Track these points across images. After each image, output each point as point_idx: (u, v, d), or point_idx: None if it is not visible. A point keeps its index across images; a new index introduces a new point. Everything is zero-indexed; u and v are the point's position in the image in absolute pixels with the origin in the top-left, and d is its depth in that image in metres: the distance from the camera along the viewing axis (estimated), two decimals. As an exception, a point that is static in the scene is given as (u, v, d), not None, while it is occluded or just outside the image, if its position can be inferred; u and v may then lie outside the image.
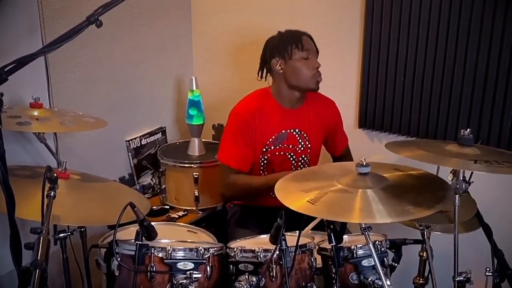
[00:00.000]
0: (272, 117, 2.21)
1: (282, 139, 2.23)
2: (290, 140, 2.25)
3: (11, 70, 1.37)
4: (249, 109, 2.19)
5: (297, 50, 2.16)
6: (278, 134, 2.23)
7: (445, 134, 2.36)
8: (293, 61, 2.16)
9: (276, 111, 2.23)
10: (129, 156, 2.76)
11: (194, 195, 2.54)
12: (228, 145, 2.21)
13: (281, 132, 2.23)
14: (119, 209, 1.53)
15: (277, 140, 2.23)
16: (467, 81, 2.25)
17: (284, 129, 2.23)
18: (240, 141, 2.18)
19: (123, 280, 1.55)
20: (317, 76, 2.18)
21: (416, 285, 2.10)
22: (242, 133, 2.17)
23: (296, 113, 2.25)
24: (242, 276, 1.60)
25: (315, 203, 1.45)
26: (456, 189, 1.63)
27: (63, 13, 2.27)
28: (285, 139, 2.24)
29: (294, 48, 2.16)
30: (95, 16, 1.45)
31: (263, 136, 2.21)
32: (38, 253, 1.27)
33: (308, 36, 2.22)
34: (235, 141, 2.19)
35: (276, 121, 2.22)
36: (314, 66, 2.16)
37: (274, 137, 2.22)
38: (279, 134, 2.23)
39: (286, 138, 2.24)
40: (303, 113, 2.27)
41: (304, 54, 2.16)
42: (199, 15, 3.04)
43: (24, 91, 2.12)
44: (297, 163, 2.30)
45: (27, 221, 1.55)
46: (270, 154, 2.24)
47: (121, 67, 2.67)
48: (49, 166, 1.53)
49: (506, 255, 1.75)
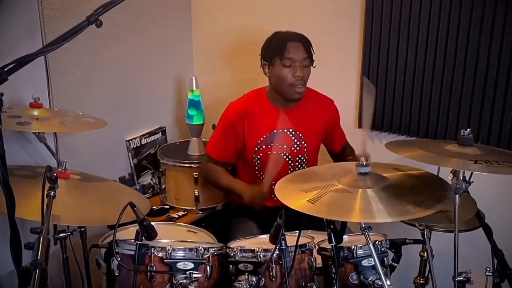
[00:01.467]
0: (264, 117, 2.24)
1: (274, 139, 2.25)
2: (283, 140, 2.26)
3: (11, 70, 1.37)
4: (236, 111, 2.27)
5: (277, 59, 2.16)
6: (269, 133, 2.24)
7: (445, 134, 2.36)
8: (276, 68, 2.18)
9: (268, 111, 2.25)
10: (129, 156, 2.76)
11: (194, 195, 2.54)
12: (214, 137, 2.36)
13: (272, 131, 2.24)
14: (119, 209, 1.53)
15: (269, 140, 2.25)
16: (467, 81, 2.25)
17: (277, 129, 2.25)
18: (223, 137, 2.30)
19: (123, 280, 1.55)
20: (296, 86, 2.15)
21: (416, 285, 2.09)
22: (226, 132, 2.29)
23: (290, 113, 2.25)
24: (242, 276, 1.60)
25: (315, 202, 1.45)
26: (456, 189, 1.63)
27: (63, 13, 2.27)
28: (278, 138, 2.25)
29: (276, 56, 2.16)
30: (95, 16, 1.45)
31: (254, 135, 2.24)
32: (38, 253, 1.27)
33: (297, 41, 2.17)
34: (219, 135, 2.32)
35: (267, 121, 2.24)
36: (294, 75, 2.14)
37: (266, 137, 2.24)
38: (270, 134, 2.24)
39: (278, 138, 2.25)
40: (298, 113, 2.27)
41: (285, 62, 2.14)
42: (199, 15, 3.04)
43: (24, 91, 2.12)
44: (294, 163, 2.30)
45: (27, 221, 1.55)
46: (262, 154, 2.26)
47: (121, 67, 2.67)
48: (49, 166, 1.53)
49: (506, 255, 1.75)
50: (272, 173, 2.07)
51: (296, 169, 2.30)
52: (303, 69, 2.15)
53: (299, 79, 2.14)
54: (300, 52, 2.16)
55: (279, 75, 2.17)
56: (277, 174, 2.00)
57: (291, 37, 2.19)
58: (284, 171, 2.21)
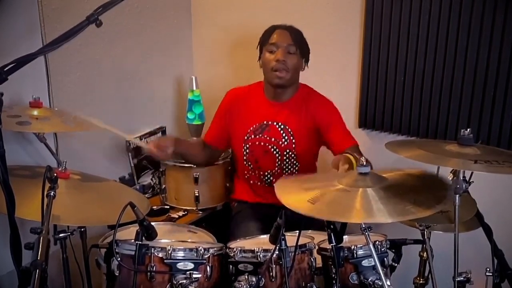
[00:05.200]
0: (257, 107, 2.31)
1: (263, 130, 2.29)
2: (271, 132, 2.29)
3: (11, 70, 1.37)
4: (233, 97, 2.38)
5: (264, 47, 2.22)
6: (259, 124, 2.30)
7: (445, 134, 2.36)
8: (262, 58, 2.24)
9: (261, 102, 2.31)
10: (129, 156, 2.76)
11: (194, 195, 2.53)
12: (212, 122, 2.47)
13: (262, 122, 2.29)
14: (119, 209, 1.53)
15: (258, 130, 2.30)
16: (467, 81, 2.25)
17: (266, 120, 2.29)
18: (217, 121, 2.42)
19: (123, 280, 1.55)
20: (277, 70, 2.15)
21: (416, 285, 2.10)
22: (220, 115, 2.40)
23: (281, 106, 2.28)
24: (242, 276, 1.60)
25: (315, 203, 1.45)
26: (456, 189, 1.63)
27: (63, 13, 2.27)
28: (266, 130, 2.29)
29: (263, 44, 2.23)
30: (95, 16, 1.45)
31: (245, 123, 2.31)
32: (38, 253, 1.27)
33: (285, 29, 2.20)
34: (214, 119, 2.44)
35: (259, 112, 2.30)
36: (275, 59, 2.15)
37: (255, 127, 2.30)
38: (260, 125, 2.29)
39: (267, 130, 2.29)
40: (292, 108, 2.28)
41: (270, 47, 2.19)
42: (199, 15, 3.04)
43: (24, 91, 2.12)
44: (281, 157, 2.31)
45: (27, 221, 1.55)
46: (251, 143, 2.31)
47: (121, 67, 2.67)
48: (49, 166, 1.53)
49: (506, 255, 1.75)
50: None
51: (284, 163, 2.32)
52: (286, 55, 2.16)
53: (280, 62, 2.15)
54: (285, 38, 2.18)
55: (264, 61, 2.22)
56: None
57: (280, 26, 2.23)
58: (270, 164, 2.31)
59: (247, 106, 2.33)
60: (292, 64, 2.18)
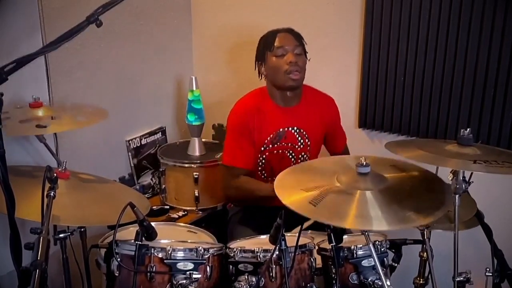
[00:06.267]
0: (270, 115, 2.22)
1: (280, 137, 2.24)
2: (288, 138, 2.25)
3: (11, 70, 1.37)
4: (246, 109, 2.22)
5: (269, 53, 2.17)
6: (276, 132, 2.23)
7: (445, 134, 2.36)
8: (269, 62, 2.18)
9: (273, 109, 2.23)
10: (129, 156, 2.76)
11: (194, 195, 2.54)
12: (231, 146, 2.23)
13: (279, 130, 2.23)
14: (119, 209, 1.53)
15: (276, 139, 2.23)
16: (467, 81, 2.25)
17: (282, 127, 2.23)
18: (241, 141, 2.20)
19: (123, 280, 1.55)
20: (291, 72, 2.13)
21: (416, 285, 2.09)
22: (241, 133, 2.20)
23: (293, 110, 2.25)
24: (242, 276, 1.60)
25: (316, 205, 1.45)
26: (456, 189, 1.63)
27: (63, 13, 2.27)
28: (283, 137, 2.24)
29: (267, 51, 2.18)
30: (95, 16, 1.45)
31: (261, 135, 2.22)
32: (38, 253, 1.27)
33: (286, 32, 2.19)
34: (236, 141, 2.21)
35: (273, 120, 2.22)
36: (287, 62, 2.13)
37: (272, 136, 2.23)
38: (277, 133, 2.23)
39: (284, 136, 2.24)
40: (301, 111, 2.27)
41: (277, 51, 2.15)
42: (199, 15, 3.04)
43: (24, 91, 2.12)
44: (296, 161, 2.30)
45: (27, 221, 1.55)
46: (268, 153, 2.25)
47: (121, 67, 2.67)
48: (49, 166, 1.53)
49: (506, 255, 1.75)
50: None
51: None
52: (296, 56, 2.15)
53: (293, 64, 2.13)
54: (290, 40, 2.17)
55: (273, 66, 2.16)
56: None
57: (279, 30, 2.21)
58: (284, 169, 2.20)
59: (261, 117, 2.21)
60: (303, 65, 2.19)
